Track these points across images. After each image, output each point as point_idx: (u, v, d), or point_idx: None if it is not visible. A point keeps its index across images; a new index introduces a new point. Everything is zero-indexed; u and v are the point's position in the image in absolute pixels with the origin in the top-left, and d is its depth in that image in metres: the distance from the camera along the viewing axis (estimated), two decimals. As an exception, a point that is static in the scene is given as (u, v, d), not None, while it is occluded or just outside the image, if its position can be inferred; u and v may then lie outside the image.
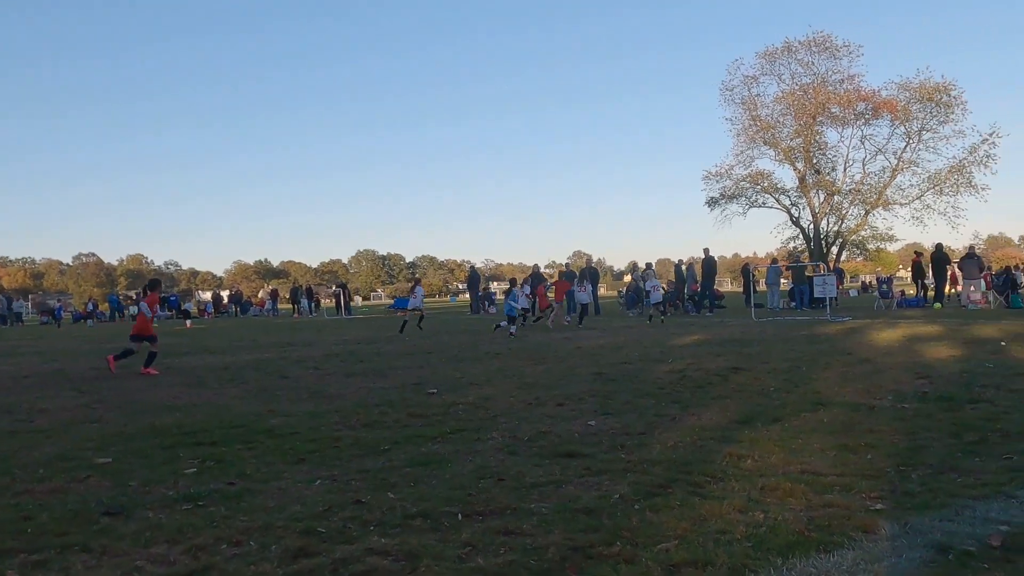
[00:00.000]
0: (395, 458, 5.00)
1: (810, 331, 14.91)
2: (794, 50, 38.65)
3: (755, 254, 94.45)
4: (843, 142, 40.34)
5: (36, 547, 3.43)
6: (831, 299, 22.02)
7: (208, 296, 60.82)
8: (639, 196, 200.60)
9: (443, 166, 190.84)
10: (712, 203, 41.62)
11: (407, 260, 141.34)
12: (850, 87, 37.83)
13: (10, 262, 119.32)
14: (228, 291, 63.24)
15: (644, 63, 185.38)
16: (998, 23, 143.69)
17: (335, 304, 39.10)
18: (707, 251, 26.81)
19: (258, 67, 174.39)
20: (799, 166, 39.32)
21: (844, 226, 40.03)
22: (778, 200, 40.89)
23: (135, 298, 45.46)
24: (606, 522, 3.51)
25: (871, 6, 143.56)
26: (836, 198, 39.52)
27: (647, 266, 28.41)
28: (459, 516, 3.69)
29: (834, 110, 37.94)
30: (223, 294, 56.82)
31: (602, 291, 41.03)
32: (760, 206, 41.43)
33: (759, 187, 40.71)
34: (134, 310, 44.19)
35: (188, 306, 36.61)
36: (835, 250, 40.22)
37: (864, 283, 53.48)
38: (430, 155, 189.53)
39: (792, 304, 26.47)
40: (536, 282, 22.38)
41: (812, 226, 39.77)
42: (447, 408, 6.97)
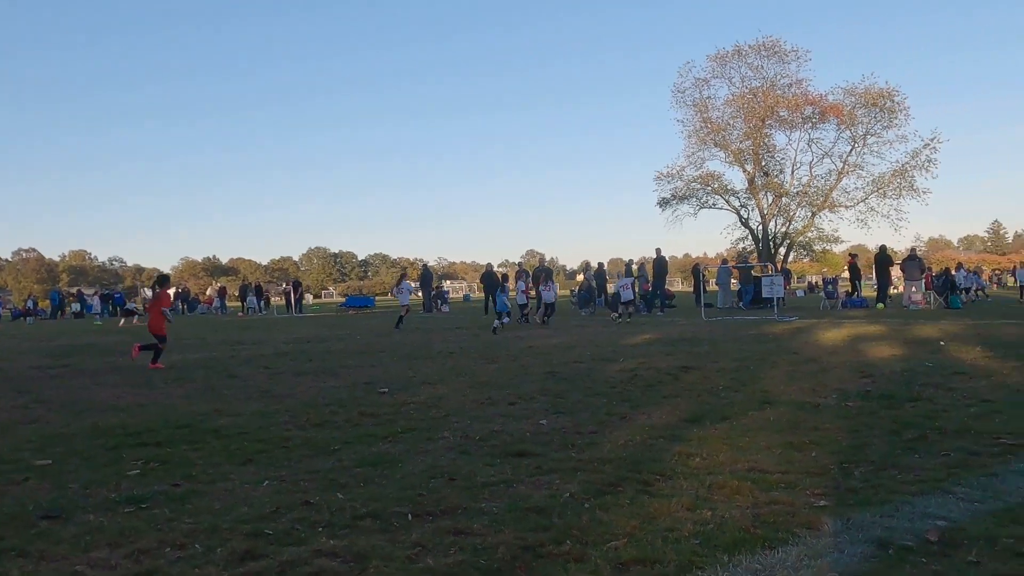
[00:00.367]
0: (345, 458, 4.96)
1: (758, 331, 15.17)
2: (744, 54, 39.38)
3: (705, 254, 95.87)
4: (791, 145, 41.36)
5: (-31, 553, 3.32)
6: (779, 299, 22.45)
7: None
8: (592, 196, 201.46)
9: (396, 164, 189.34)
10: (663, 204, 42.20)
11: (359, 258, 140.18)
12: (798, 91, 38.71)
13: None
14: (175, 288, 61.96)
15: (598, 64, 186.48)
16: (940, 32, 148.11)
17: (285, 302, 38.55)
18: (659, 251, 27.08)
19: (206, 62, 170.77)
20: (748, 168, 40.06)
21: (791, 227, 40.97)
22: (728, 201, 41.65)
23: (76, 295, 44.28)
24: (556, 521, 3.52)
25: (819, 13, 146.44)
26: (784, 200, 40.39)
27: (599, 265, 28.65)
28: (409, 516, 3.67)
29: (782, 113, 38.75)
30: (170, 291, 55.63)
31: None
32: (710, 207, 42.18)
33: (709, 188, 41.41)
34: (76, 307, 43.24)
35: (132, 305, 35.68)
36: (783, 251, 41.11)
37: (811, 284, 54.52)
38: (384, 153, 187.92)
39: (740, 304, 26.89)
40: (541, 276, 22.25)
41: (761, 227, 40.56)
42: (398, 407, 6.93)
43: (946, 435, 5.09)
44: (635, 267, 28.85)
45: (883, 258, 25.17)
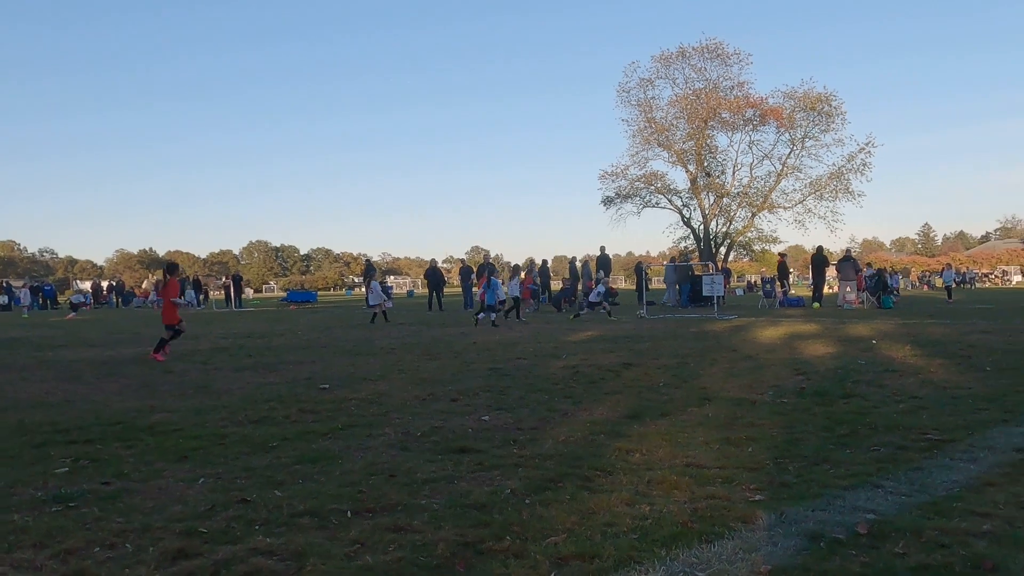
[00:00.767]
0: (283, 455, 4.88)
1: (699, 328, 15.42)
2: (688, 55, 39.87)
3: (648, 253, 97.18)
4: (732, 146, 42.27)
5: None
6: (719, 297, 22.87)
7: (87, 286, 57.69)
8: (537, 193, 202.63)
9: (341, 159, 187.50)
10: (608, 202, 42.47)
11: (301, 252, 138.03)
12: (740, 94, 39.38)
13: None
14: (109, 281, 60.11)
15: (544, 62, 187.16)
16: (876, 39, 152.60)
17: (225, 296, 37.77)
18: (603, 249, 27.32)
19: (147, 55, 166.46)
20: (691, 168, 40.62)
21: (732, 227, 41.67)
22: (671, 201, 42.14)
23: (3, 287, 42.68)
24: (497, 517, 3.52)
25: (761, 17, 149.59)
26: (725, 200, 41.08)
27: (543, 263, 28.74)
28: (348, 513, 3.63)
29: (725, 115, 39.36)
30: (104, 284, 54.00)
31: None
32: (654, 206, 42.60)
33: (653, 188, 41.82)
34: (3, 299, 41.64)
35: (77, 297, 34.66)
36: (723, 250, 41.83)
37: (750, 283, 55.64)
38: (328, 147, 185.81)
39: (679, 302, 27.30)
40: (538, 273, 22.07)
41: (702, 227, 41.17)
42: (339, 404, 6.85)
43: (876, 431, 5.25)
44: (579, 264, 29.00)
45: (819, 259, 25.83)
